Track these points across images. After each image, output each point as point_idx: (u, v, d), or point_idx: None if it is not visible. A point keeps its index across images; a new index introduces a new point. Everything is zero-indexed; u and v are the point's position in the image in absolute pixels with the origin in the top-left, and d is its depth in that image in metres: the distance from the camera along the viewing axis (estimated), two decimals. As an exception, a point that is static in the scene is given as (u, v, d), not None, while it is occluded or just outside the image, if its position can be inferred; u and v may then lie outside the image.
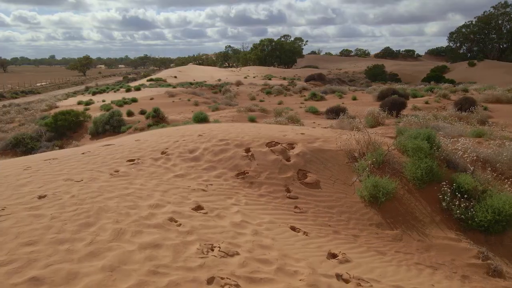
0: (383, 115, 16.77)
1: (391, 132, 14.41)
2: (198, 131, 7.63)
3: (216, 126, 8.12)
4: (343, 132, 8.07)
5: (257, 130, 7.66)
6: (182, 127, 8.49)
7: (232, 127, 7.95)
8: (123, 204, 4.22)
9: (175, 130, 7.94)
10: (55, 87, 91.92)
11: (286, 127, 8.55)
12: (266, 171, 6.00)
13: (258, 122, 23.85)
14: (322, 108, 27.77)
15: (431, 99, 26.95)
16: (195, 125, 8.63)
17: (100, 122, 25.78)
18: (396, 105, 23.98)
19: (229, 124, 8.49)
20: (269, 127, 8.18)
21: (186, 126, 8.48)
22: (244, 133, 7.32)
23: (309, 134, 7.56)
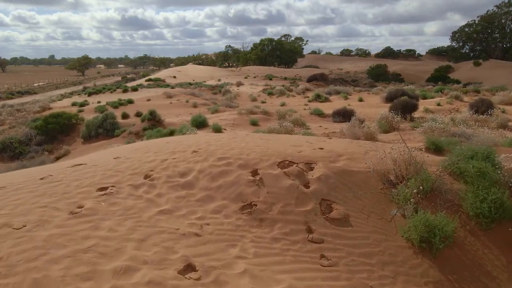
0: (397, 119, 15.36)
1: (413, 140, 13.04)
2: (193, 145, 6.22)
3: (215, 138, 6.72)
4: (371, 145, 6.67)
5: (265, 144, 6.25)
6: (174, 139, 7.07)
7: (234, 140, 6.55)
8: (74, 270, 2.82)
9: (165, 144, 6.54)
10: (53, 87, 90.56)
11: (299, 138, 7.15)
12: (279, 202, 4.59)
13: (260, 126, 22.52)
14: (327, 110, 26.37)
15: (443, 101, 25.55)
16: (189, 136, 7.23)
17: (93, 125, 24.36)
18: (407, 107, 22.56)
19: (230, 136, 7.09)
20: (279, 139, 6.77)
21: (178, 138, 7.07)
22: (249, 149, 5.91)
23: (329, 149, 6.14)
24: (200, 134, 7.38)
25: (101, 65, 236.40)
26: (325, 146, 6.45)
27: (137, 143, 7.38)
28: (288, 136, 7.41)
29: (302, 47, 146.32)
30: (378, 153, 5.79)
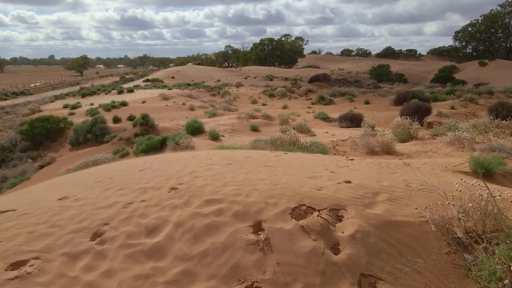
0: (416, 126, 13.68)
1: (439, 152, 11.38)
2: (173, 177, 4.57)
3: (204, 165, 5.06)
4: (412, 172, 5.02)
5: (272, 176, 4.60)
6: (150, 164, 5.40)
7: (229, 168, 4.90)
8: None
9: (136, 174, 4.88)
10: (49, 88, 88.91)
11: (315, 163, 5.50)
12: (296, 282, 2.95)
13: (261, 131, 20.87)
14: (332, 114, 24.73)
15: (457, 104, 23.90)
16: (171, 160, 5.57)
17: (81, 130, 22.69)
18: (420, 111, 20.91)
19: (224, 160, 5.43)
20: (290, 166, 5.12)
21: (156, 164, 5.40)
22: (249, 184, 4.27)
23: (359, 182, 4.49)
24: (186, 158, 5.72)
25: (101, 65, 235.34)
26: (351, 176, 4.79)
27: (101, 168, 5.73)
28: (300, 159, 5.74)
29: (302, 47, 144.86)
30: (427, 186, 4.14)
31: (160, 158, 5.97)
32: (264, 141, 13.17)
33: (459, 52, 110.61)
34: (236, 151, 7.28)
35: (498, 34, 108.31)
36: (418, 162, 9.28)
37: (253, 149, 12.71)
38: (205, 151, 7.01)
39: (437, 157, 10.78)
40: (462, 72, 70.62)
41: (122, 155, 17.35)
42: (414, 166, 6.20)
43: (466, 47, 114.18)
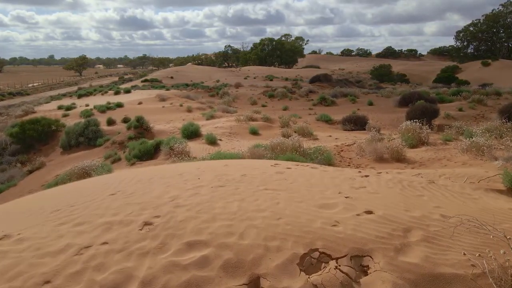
0: (427, 131, 12.72)
1: (455, 160, 10.39)
2: (149, 206, 3.64)
3: (190, 190, 4.13)
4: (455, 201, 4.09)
5: (273, 204, 3.66)
6: (124, 188, 4.44)
7: (220, 193, 3.97)
8: None
9: (105, 201, 3.95)
10: (47, 88, 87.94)
11: (325, 183, 4.57)
12: None
13: (261, 135, 19.93)
14: (335, 116, 23.78)
15: (464, 105, 22.95)
16: (151, 182, 4.61)
17: (73, 133, 21.71)
18: (427, 113, 19.97)
19: (215, 181, 4.50)
20: (296, 191, 4.18)
21: (132, 188, 4.45)
22: (245, 217, 3.34)
23: (384, 213, 3.56)
24: (170, 175, 4.78)
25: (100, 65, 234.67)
26: (372, 203, 3.85)
27: (67, 189, 4.77)
28: (307, 177, 4.81)
29: (302, 47, 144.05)
30: (476, 222, 3.22)
31: (140, 175, 5.03)
32: (264, 146, 12.25)
33: (460, 52, 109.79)
34: (232, 162, 6.35)
35: (500, 34, 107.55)
36: (435, 173, 8.37)
37: (252, 155, 11.80)
38: (196, 164, 6.07)
39: (454, 166, 9.86)
40: (464, 72, 69.67)
41: (113, 160, 16.41)
42: (441, 184, 5.26)
43: (468, 47, 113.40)
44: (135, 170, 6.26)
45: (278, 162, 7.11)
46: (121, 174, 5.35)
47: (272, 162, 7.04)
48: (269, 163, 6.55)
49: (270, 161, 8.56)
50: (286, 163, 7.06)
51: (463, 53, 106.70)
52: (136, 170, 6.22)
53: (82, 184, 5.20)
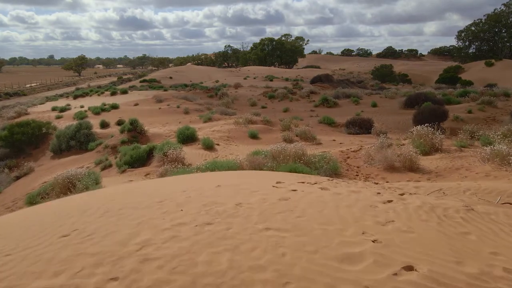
0: (441, 137, 11.73)
1: (476, 171, 9.37)
2: (106, 261, 2.66)
3: (167, 230, 3.17)
4: None
5: (277, 256, 2.69)
6: (82, 226, 3.47)
7: (206, 235, 3.01)
8: None
9: (50, 248, 2.98)
10: (45, 88, 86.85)
11: (344, 215, 3.61)
12: None
13: (261, 139, 18.91)
14: (338, 118, 22.79)
15: (474, 107, 21.95)
16: (120, 215, 3.64)
17: (64, 137, 20.72)
18: (435, 115, 18.98)
19: (202, 214, 3.53)
20: (306, 232, 3.21)
21: (94, 224, 3.47)
22: (238, 279, 2.37)
23: (430, 269, 2.58)
24: (147, 203, 3.79)
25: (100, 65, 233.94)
26: (408, 250, 2.89)
27: (16, 219, 3.83)
28: (318, 207, 3.84)
29: (303, 47, 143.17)
30: None
31: (110, 204, 4.06)
32: (264, 153, 11.29)
33: (461, 52, 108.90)
34: (226, 179, 5.39)
35: (502, 34, 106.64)
36: (459, 188, 7.40)
37: (251, 164, 10.83)
38: (182, 184, 5.10)
39: (475, 177, 8.90)
40: (467, 72, 68.66)
41: (104, 166, 15.43)
42: (482, 212, 4.29)
43: (470, 46, 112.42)
44: (109, 192, 5.28)
45: (281, 178, 6.15)
46: (88, 201, 4.37)
47: (274, 178, 6.08)
48: (270, 181, 5.58)
49: (271, 174, 7.59)
50: (289, 179, 6.10)
51: (464, 53, 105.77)
52: (110, 192, 5.24)
53: (34, 216, 4.23)
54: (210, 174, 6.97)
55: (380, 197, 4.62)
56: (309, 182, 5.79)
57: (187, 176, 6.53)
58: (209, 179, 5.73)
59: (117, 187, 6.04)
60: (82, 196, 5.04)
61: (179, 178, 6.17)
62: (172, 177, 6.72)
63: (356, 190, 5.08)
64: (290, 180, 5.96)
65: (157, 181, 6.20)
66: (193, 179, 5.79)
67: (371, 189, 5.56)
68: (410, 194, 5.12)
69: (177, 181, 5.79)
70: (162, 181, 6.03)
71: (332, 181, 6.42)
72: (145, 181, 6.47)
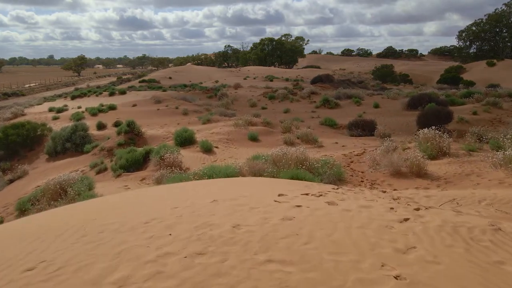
0: (449, 140, 11.24)
1: (489, 178, 8.88)
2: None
3: (150, 264, 2.67)
4: None
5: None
6: (51, 256, 2.99)
7: (196, 271, 2.51)
8: None
9: None
10: (43, 88, 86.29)
11: (357, 239, 3.13)
12: None
13: (261, 141, 18.42)
14: (339, 119, 22.31)
15: (478, 108, 21.46)
16: (100, 241, 3.15)
17: (60, 139, 20.24)
18: (440, 117, 18.53)
19: (194, 241, 3.04)
20: (314, 265, 2.72)
21: (65, 255, 3.00)
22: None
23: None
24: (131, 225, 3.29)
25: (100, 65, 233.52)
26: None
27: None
28: (327, 229, 3.36)
29: (303, 47, 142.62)
30: None
31: (89, 225, 3.58)
32: (265, 158, 10.80)
33: (462, 51, 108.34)
34: (223, 193, 4.92)
35: (503, 34, 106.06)
36: (473, 197, 6.93)
37: (250, 170, 10.35)
38: (172, 201, 4.63)
39: (488, 184, 8.43)
40: (469, 72, 68.12)
41: (99, 170, 14.95)
42: (509, 231, 3.81)
43: (471, 46, 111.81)
44: (93, 207, 4.80)
45: (282, 188, 5.67)
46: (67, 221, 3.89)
47: (275, 188, 5.62)
48: (271, 193, 5.11)
49: (272, 182, 7.11)
50: (292, 190, 5.63)
51: (465, 53, 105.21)
52: (94, 207, 4.76)
53: (2, 238, 3.74)
54: (206, 183, 6.50)
55: (394, 214, 4.14)
56: (314, 194, 5.31)
57: (182, 185, 6.05)
58: (204, 191, 5.25)
59: (104, 199, 5.56)
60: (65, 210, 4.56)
61: (172, 189, 5.68)
62: (164, 187, 6.23)
63: (366, 204, 4.60)
64: (292, 192, 5.49)
65: (147, 192, 5.72)
66: (187, 191, 5.31)
67: (382, 201, 5.08)
68: (425, 208, 4.64)
69: (170, 193, 5.31)
70: (153, 193, 5.54)
71: (338, 192, 5.95)
72: (135, 193, 5.99)
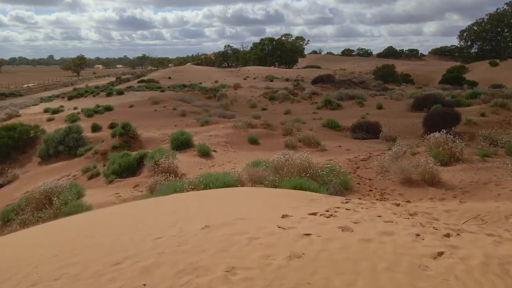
0: (461, 145, 10.52)
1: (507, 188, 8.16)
2: None
3: None
4: None
5: None
6: None
7: None
8: None
9: None
10: (42, 88, 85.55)
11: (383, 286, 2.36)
12: None
13: (261, 144, 17.68)
14: (342, 121, 21.59)
15: (486, 109, 20.75)
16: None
17: (52, 141, 19.53)
18: (447, 119, 17.81)
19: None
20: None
21: None
22: None
23: None
24: (85, 281, 2.51)
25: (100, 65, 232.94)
26: None
27: None
28: (350, 284, 2.62)
29: (303, 47, 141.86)
30: None
31: (43, 267, 2.86)
32: (265, 164, 10.09)
33: (462, 51, 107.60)
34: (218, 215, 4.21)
35: (505, 33, 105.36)
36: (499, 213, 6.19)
37: (250, 177, 9.64)
38: (155, 229, 3.91)
39: (510, 195, 7.72)
40: (471, 72, 67.37)
41: (91, 175, 14.24)
42: None
43: (472, 46, 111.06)
44: (61, 230, 4.09)
45: (286, 205, 4.97)
46: (13, 263, 3.18)
47: (277, 205, 4.92)
48: (273, 214, 4.40)
49: (273, 196, 6.40)
50: (297, 208, 4.92)
51: (466, 53, 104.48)
52: (61, 230, 4.06)
53: None
54: (200, 196, 5.78)
55: (423, 245, 3.42)
56: (323, 214, 4.59)
57: (171, 201, 5.34)
58: (196, 209, 4.54)
59: (79, 219, 4.83)
60: (26, 237, 3.84)
61: (160, 206, 4.97)
62: (152, 204, 5.51)
63: (386, 230, 3.87)
64: (297, 209, 4.78)
65: (131, 211, 5.00)
66: (177, 211, 4.59)
67: (403, 223, 4.36)
68: (456, 234, 3.92)
69: (156, 212, 4.60)
70: (137, 211, 4.82)
71: (348, 208, 5.23)
72: (117, 211, 5.27)
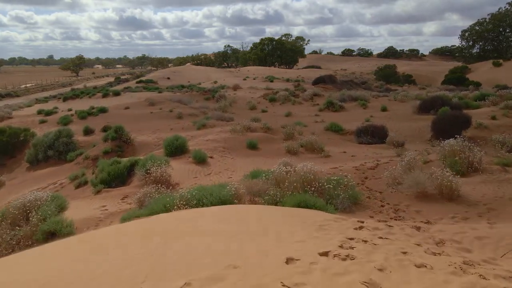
0: (480, 155, 9.57)
1: None
2: None
3: None
4: None
5: None
6: None
7: None
8: None
9: None
10: (39, 89, 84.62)
11: None
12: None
13: (260, 149, 16.69)
14: (346, 124, 20.65)
15: (496, 112, 19.80)
16: None
17: (42, 146, 18.60)
18: (457, 123, 16.89)
19: None
20: None
21: None
22: None
23: None
24: None
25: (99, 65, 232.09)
26: None
27: None
28: None
29: (303, 47, 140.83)
30: None
31: None
32: (265, 175, 9.17)
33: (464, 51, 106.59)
34: (202, 253, 3.30)
35: (507, 33, 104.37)
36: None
37: (248, 191, 8.72)
38: (125, 284, 2.97)
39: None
40: (474, 72, 66.37)
41: (78, 184, 13.30)
42: None
43: (474, 46, 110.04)
44: None
45: (291, 242, 4.04)
46: None
47: (283, 243, 4.00)
48: (275, 255, 3.47)
49: (273, 223, 5.47)
50: (305, 242, 4.00)
51: (468, 53, 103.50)
52: None
53: None
54: (184, 225, 4.86)
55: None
56: (337, 255, 3.66)
57: (140, 241, 4.42)
58: (176, 246, 3.61)
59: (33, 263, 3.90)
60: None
61: (130, 247, 4.04)
62: (112, 238, 4.58)
63: (426, 286, 2.94)
64: (305, 246, 3.85)
65: (95, 257, 4.06)
66: (152, 251, 3.66)
67: (436, 262, 3.43)
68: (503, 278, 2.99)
69: (124, 257, 3.66)
70: (100, 258, 3.88)
71: (366, 240, 4.30)
72: (77, 257, 4.33)
